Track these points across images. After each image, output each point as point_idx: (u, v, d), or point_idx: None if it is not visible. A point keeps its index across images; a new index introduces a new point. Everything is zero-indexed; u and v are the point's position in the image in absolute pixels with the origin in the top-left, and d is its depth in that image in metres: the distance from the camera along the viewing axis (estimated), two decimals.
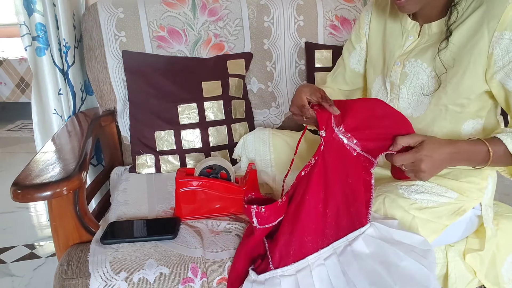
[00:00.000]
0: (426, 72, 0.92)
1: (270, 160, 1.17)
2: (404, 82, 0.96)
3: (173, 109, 1.31)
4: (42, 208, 2.08)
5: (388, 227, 0.82)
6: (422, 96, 0.94)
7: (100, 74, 1.37)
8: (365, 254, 0.79)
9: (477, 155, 0.83)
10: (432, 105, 0.92)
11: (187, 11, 1.41)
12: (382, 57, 1.03)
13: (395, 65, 0.97)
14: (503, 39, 0.81)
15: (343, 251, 0.80)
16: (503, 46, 0.81)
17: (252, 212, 0.80)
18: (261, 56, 1.49)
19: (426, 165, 0.79)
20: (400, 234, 0.81)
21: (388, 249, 0.78)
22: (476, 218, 0.96)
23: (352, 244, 0.81)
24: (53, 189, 0.85)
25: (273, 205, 0.81)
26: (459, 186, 0.92)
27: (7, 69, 3.37)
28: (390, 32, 1.01)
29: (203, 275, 0.85)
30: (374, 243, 0.80)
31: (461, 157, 0.83)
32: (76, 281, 0.84)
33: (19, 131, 3.38)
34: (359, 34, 1.10)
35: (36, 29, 1.32)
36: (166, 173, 1.30)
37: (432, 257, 0.79)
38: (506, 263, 0.98)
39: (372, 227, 0.82)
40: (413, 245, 0.80)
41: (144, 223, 0.99)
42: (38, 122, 1.41)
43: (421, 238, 0.81)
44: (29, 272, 1.59)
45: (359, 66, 1.13)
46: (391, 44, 1.00)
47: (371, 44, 1.07)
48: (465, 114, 0.92)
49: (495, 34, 0.82)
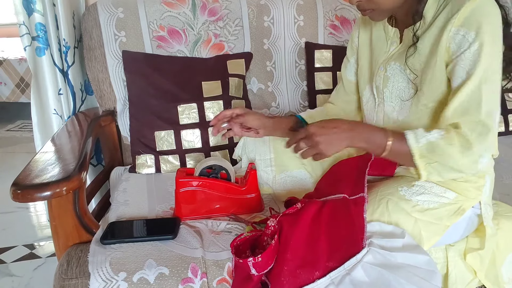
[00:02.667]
0: (404, 74, 0.94)
1: (270, 159, 1.17)
2: (387, 86, 0.98)
3: (173, 109, 1.31)
4: (42, 208, 2.08)
5: (391, 247, 0.79)
6: (405, 100, 0.95)
7: (100, 74, 1.37)
8: (365, 283, 0.76)
9: (375, 139, 0.85)
10: (414, 107, 0.94)
11: (187, 11, 1.41)
12: (369, 65, 1.07)
13: (379, 70, 1.00)
14: (458, 35, 0.83)
15: (341, 281, 0.77)
16: (457, 41, 0.83)
17: (250, 264, 0.78)
18: (261, 56, 1.49)
19: (320, 135, 0.84)
20: (404, 256, 0.78)
21: (389, 276, 0.75)
22: (475, 217, 0.96)
23: (351, 273, 0.76)
24: (53, 189, 0.85)
25: (268, 251, 0.78)
26: (456, 185, 0.91)
27: (7, 69, 3.37)
28: (376, 41, 1.04)
29: (203, 275, 0.85)
30: (374, 271, 0.76)
31: (359, 136, 0.85)
32: (76, 281, 0.84)
33: (19, 131, 3.38)
34: (352, 47, 1.14)
35: (36, 29, 1.32)
36: (166, 173, 1.30)
37: (437, 279, 0.77)
38: (506, 262, 0.98)
39: (371, 254, 0.78)
40: (417, 266, 0.78)
41: (144, 223, 0.99)
42: (37, 122, 1.41)
43: (426, 258, 0.79)
44: (29, 272, 1.59)
45: (355, 77, 1.16)
46: (376, 51, 1.03)
47: (360, 55, 1.11)
48: None
49: (452, 30, 0.84)
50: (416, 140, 0.82)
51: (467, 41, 0.82)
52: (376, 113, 1.04)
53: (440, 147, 0.81)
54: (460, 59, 0.83)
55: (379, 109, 1.02)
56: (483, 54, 0.81)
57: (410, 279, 0.75)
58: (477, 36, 0.81)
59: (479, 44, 0.81)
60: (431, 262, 0.79)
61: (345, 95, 1.18)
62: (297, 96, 1.53)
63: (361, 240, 0.80)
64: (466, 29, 0.82)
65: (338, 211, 0.86)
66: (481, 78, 0.81)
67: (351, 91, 1.17)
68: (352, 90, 1.17)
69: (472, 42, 0.81)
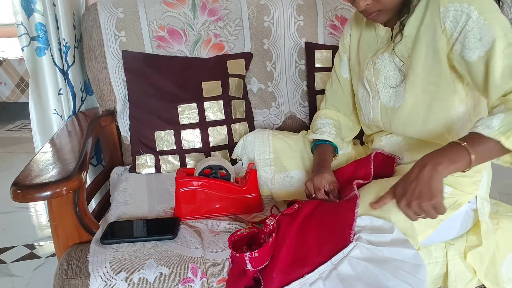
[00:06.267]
0: (394, 63, 0.96)
1: (270, 159, 1.17)
2: (379, 77, 0.99)
3: (173, 109, 1.31)
4: (42, 208, 2.08)
5: (379, 242, 0.80)
6: (397, 87, 0.96)
7: (100, 74, 1.37)
8: (351, 277, 0.76)
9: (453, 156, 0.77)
10: (409, 92, 0.94)
11: (187, 11, 1.41)
12: (357, 62, 1.08)
13: (368, 64, 1.02)
14: (449, 11, 0.84)
15: (328, 275, 0.77)
16: (451, 18, 0.84)
17: (246, 259, 0.78)
18: (261, 56, 1.49)
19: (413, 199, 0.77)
20: (391, 251, 0.79)
21: (375, 270, 0.76)
22: (472, 212, 0.96)
23: (338, 268, 0.78)
24: (53, 189, 0.85)
25: (265, 247, 0.79)
26: (453, 180, 0.91)
27: (7, 69, 3.37)
28: (364, 40, 1.06)
29: (203, 275, 0.85)
30: (360, 266, 0.77)
31: (438, 166, 0.76)
32: (76, 281, 0.84)
33: (19, 131, 3.38)
34: (344, 44, 1.15)
35: (36, 29, 1.32)
36: (166, 173, 1.30)
37: (422, 273, 0.77)
38: (506, 262, 0.98)
39: (358, 248, 0.78)
40: (404, 260, 0.78)
41: (144, 223, 0.99)
42: (37, 122, 1.41)
43: (413, 252, 0.79)
44: (29, 272, 1.59)
45: (349, 74, 1.16)
46: (364, 50, 1.05)
47: (351, 52, 1.12)
48: (445, 95, 0.91)
49: (441, 10, 0.84)
50: (488, 126, 0.75)
51: (463, 13, 0.82)
52: (371, 105, 1.05)
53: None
54: (466, 30, 0.82)
55: (375, 102, 1.03)
56: (489, 18, 0.80)
57: (396, 273, 0.76)
58: (470, 5, 0.81)
59: (478, 11, 0.81)
60: (418, 256, 0.79)
61: (343, 95, 1.18)
62: (297, 96, 1.53)
63: (348, 235, 0.80)
64: (454, 3, 0.83)
65: (329, 208, 0.87)
66: (504, 36, 0.80)
67: (347, 90, 1.17)
68: (348, 89, 1.17)
69: (468, 11, 0.81)
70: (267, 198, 1.15)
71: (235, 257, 0.82)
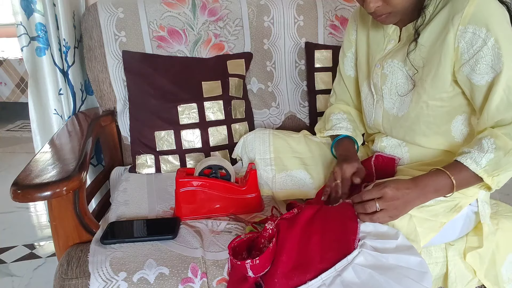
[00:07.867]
0: (404, 71, 0.95)
1: (270, 159, 1.17)
2: (385, 83, 0.99)
3: (173, 109, 1.31)
4: (42, 208, 2.08)
5: (384, 249, 0.79)
6: (402, 95, 0.96)
7: (100, 74, 1.37)
8: (356, 284, 0.76)
9: (440, 185, 0.85)
10: (414, 103, 0.95)
11: (187, 11, 1.41)
12: (366, 62, 1.07)
13: (375, 67, 1.01)
14: (467, 32, 0.83)
15: (332, 282, 0.77)
16: (467, 39, 0.84)
17: (248, 266, 0.78)
18: (261, 56, 1.49)
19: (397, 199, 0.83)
20: (396, 258, 0.78)
21: (379, 278, 0.75)
22: (473, 215, 0.96)
23: (342, 274, 0.77)
24: (53, 189, 0.85)
25: (266, 253, 0.79)
26: None
27: (7, 69, 3.37)
28: (372, 38, 1.04)
29: (203, 275, 0.85)
30: (364, 273, 0.76)
31: (426, 189, 0.85)
32: (76, 281, 0.84)
33: (19, 131, 3.38)
34: (349, 40, 1.14)
35: (36, 29, 1.32)
36: (166, 173, 1.30)
37: (428, 280, 0.77)
38: (506, 262, 0.98)
39: (363, 255, 0.78)
40: (409, 267, 0.78)
41: (144, 223, 0.99)
42: (37, 122, 1.41)
43: (419, 259, 0.79)
44: (29, 272, 1.59)
45: (353, 72, 1.15)
46: (373, 49, 1.04)
47: (358, 49, 1.11)
48: (448, 108, 0.93)
49: (459, 28, 0.84)
50: (476, 163, 0.83)
51: (479, 38, 0.82)
52: (375, 109, 1.05)
53: (501, 160, 0.82)
54: (479, 56, 0.83)
55: (378, 106, 1.03)
56: (504, 48, 0.81)
57: (401, 280, 0.75)
58: (488, 31, 0.81)
59: (494, 39, 0.81)
60: (423, 263, 0.79)
61: (348, 92, 1.18)
62: (297, 96, 1.53)
63: (353, 242, 0.80)
64: (474, 26, 0.82)
65: (332, 213, 0.86)
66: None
67: (351, 88, 1.17)
68: (352, 87, 1.16)
69: (485, 38, 0.82)
70: (267, 198, 1.15)
71: (235, 264, 0.81)
